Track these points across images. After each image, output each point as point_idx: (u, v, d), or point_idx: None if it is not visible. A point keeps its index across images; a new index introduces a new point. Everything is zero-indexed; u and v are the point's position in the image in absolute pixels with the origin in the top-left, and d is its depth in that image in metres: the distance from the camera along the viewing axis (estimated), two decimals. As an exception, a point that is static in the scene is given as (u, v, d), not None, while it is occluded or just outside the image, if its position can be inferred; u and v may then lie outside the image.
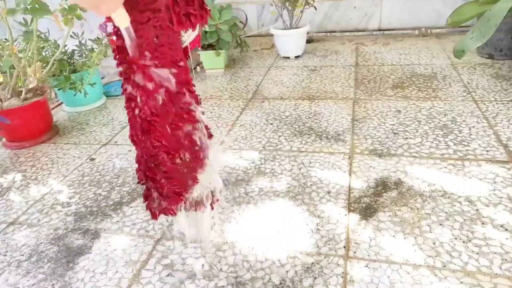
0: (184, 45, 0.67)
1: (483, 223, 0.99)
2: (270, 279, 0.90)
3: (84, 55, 1.96)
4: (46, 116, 1.71)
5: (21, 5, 1.48)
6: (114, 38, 0.57)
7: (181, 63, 0.62)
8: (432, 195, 1.11)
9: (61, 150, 1.61)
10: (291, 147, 1.43)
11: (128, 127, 0.68)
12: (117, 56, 0.59)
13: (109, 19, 0.53)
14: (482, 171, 1.19)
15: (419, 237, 0.97)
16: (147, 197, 0.71)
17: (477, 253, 0.91)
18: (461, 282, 0.84)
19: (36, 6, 1.49)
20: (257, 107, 1.80)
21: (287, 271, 0.91)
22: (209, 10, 0.63)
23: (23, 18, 1.62)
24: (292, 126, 1.59)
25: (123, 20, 0.53)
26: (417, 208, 1.06)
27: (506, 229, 0.97)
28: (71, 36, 1.79)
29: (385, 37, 2.71)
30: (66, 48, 1.87)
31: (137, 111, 0.62)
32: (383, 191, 1.15)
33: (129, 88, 0.60)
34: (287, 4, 2.34)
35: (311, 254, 0.95)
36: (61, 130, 1.80)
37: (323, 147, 1.41)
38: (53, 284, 0.94)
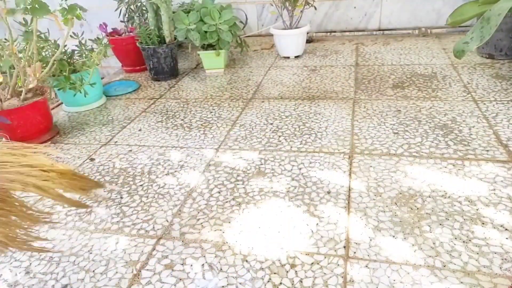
0: None
1: (483, 223, 0.99)
2: (270, 279, 0.90)
3: (84, 55, 1.96)
4: (46, 116, 1.71)
5: (21, 5, 1.48)
6: None
7: None
8: (432, 195, 1.11)
9: (61, 150, 1.60)
10: (291, 147, 1.43)
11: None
12: None
13: None
14: (482, 171, 1.19)
15: (419, 237, 0.97)
16: None
17: (477, 253, 0.91)
18: (461, 282, 0.84)
19: (36, 6, 1.49)
20: (257, 107, 1.80)
21: (287, 271, 0.91)
22: None
23: (23, 18, 1.62)
24: (292, 126, 1.59)
25: None
26: (417, 208, 1.06)
27: (506, 229, 0.97)
28: (71, 36, 1.79)
29: (385, 37, 2.71)
30: (66, 48, 1.87)
31: None
32: (382, 191, 1.15)
33: None
34: (287, 4, 2.34)
35: (311, 254, 0.95)
36: (61, 130, 1.80)
37: (323, 147, 1.41)
38: (53, 285, 0.94)
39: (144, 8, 2.55)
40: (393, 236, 0.98)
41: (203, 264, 0.96)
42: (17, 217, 0.62)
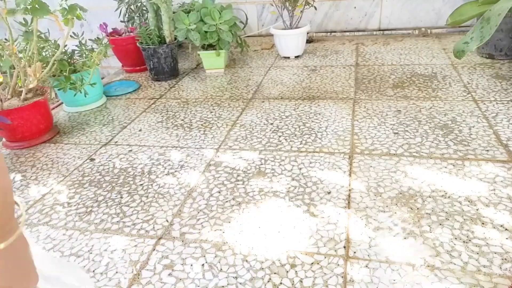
0: None
1: (483, 223, 0.99)
2: (270, 279, 0.90)
3: (84, 55, 1.96)
4: (46, 116, 1.71)
5: (21, 5, 1.48)
6: None
7: None
8: (432, 195, 1.11)
9: (61, 150, 1.61)
10: (291, 147, 1.43)
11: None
12: None
13: None
14: (482, 171, 1.19)
15: (419, 237, 0.97)
16: None
17: (477, 253, 0.91)
18: (461, 282, 0.84)
19: (36, 6, 1.49)
20: (257, 107, 1.80)
21: (287, 271, 0.91)
22: None
23: (23, 18, 1.62)
24: (292, 126, 1.59)
25: None
26: (417, 208, 1.06)
27: (506, 229, 0.97)
28: (71, 36, 1.79)
29: (385, 37, 2.71)
30: (66, 48, 1.87)
31: None
32: (382, 191, 1.15)
33: None
34: (287, 4, 2.34)
35: (311, 254, 0.95)
36: (61, 130, 1.81)
37: (323, 147, 1.41)
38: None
39: (144, 8, 2.55)
40: (393, 236, 0.98)
41: (203, 264, 0.96)
42: None
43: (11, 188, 0.36)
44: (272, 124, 1.62)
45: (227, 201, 1.17)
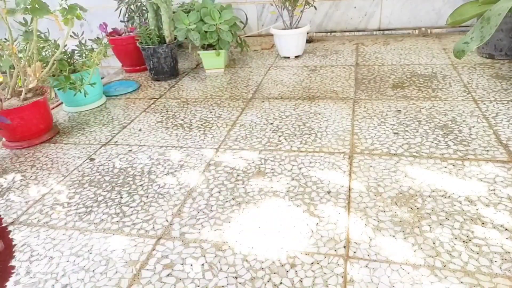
0: None
1: (483, 223, 0.99)
2: (270, 279, 0.89)
3: (84, 55, 1.96)
4: (46, 116, 1.71)
5: (21, 5, 1.48)
6: None
7: None
8: (432, 195, 1.11)
9: (61, 150, 1.60)
10: (291, 147, 1.43)
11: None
12: None
13: None
14: (482, 171, 1.19)
15: (419, 237, 0.97)
16: None
17: (477, 253, 0.91)
18: (461, 282, 0.84)
19: (36, 6, 1.49)
20: (257, 107, 1.80)
21: (287, 271, 0.91)
22: None
23: (23, 18, 1.62)
24: (292, 126, 1.59)
25: None
26: (417, 208, 1.06)
27: (506, 229, 0.97)
28: (71, 36, 1.79)
29: (385, 37, 2.71)
30: (66, 48, 1.87)
31: None
32: (382, 190, 1.15)
33: None
34: (287, 4, 2.34)
35: (311, 254, 0.95)
36: (61, 130, 1.80)
37: (323, 147, 1.41)
38: (53, 285, 0.94)
39: (144, 8, 2.55)
40: (393, 236, 0.98)
41: (203, 264, 0.96)
42: None
43: None
44: (272, 124, 1.62)
45: (227, 201, 1.17)
